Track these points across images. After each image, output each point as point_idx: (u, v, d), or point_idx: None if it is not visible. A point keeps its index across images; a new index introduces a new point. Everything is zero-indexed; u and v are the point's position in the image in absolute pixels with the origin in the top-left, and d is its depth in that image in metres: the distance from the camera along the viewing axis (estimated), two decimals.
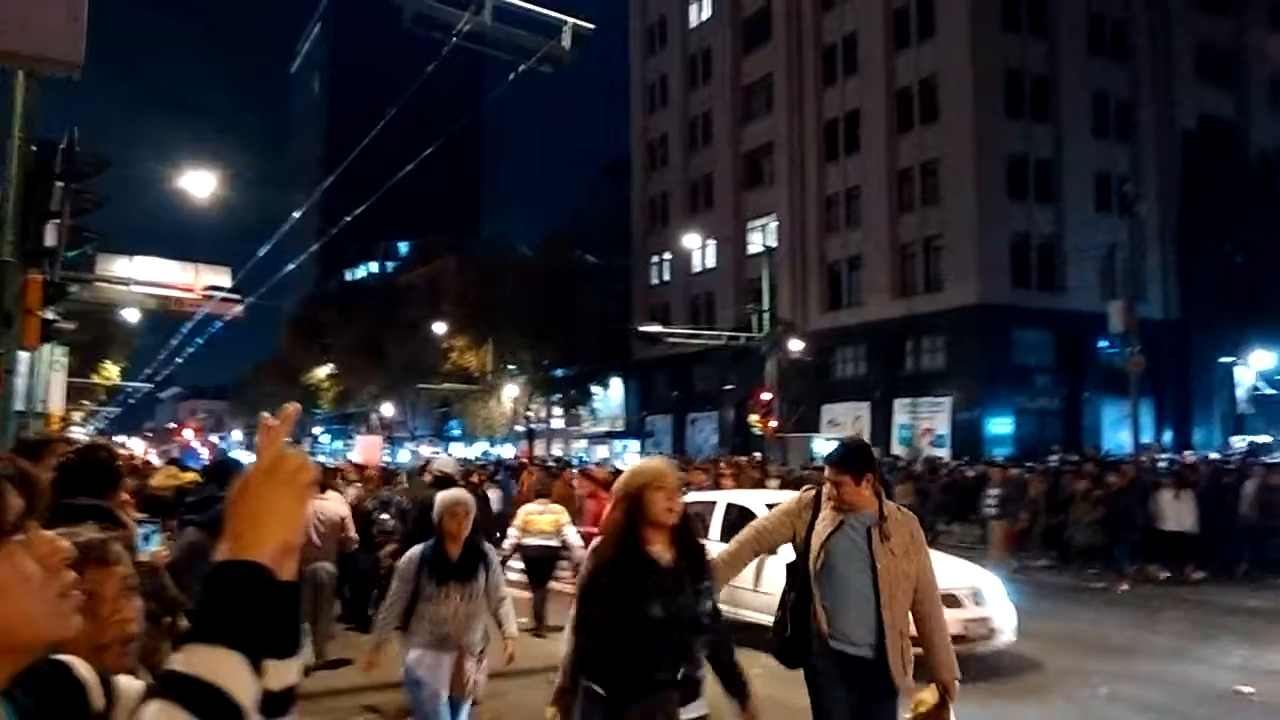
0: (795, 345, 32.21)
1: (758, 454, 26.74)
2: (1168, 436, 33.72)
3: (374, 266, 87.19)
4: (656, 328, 36.88)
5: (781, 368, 30.08)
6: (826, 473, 4.16)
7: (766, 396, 28.48)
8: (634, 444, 48.14)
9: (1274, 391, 34.37)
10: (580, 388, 51.20)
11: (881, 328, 35.91)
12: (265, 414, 1.20)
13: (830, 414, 37.45)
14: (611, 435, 51.62)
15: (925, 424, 33.81)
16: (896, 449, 32.46)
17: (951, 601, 7.16)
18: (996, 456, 25.51)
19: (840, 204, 39.49)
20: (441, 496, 5.12)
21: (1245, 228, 34.47)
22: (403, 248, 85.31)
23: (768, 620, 4.57)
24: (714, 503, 10.68)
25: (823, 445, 32.48)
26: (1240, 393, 34.30)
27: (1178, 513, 14.37)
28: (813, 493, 4.27)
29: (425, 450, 48.27)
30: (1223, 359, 34.11)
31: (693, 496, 9.36)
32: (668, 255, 48.82)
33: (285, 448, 1.13)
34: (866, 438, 34.71)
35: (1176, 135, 37.28)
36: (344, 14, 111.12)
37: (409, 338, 50.56)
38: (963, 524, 19.04)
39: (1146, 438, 30.17)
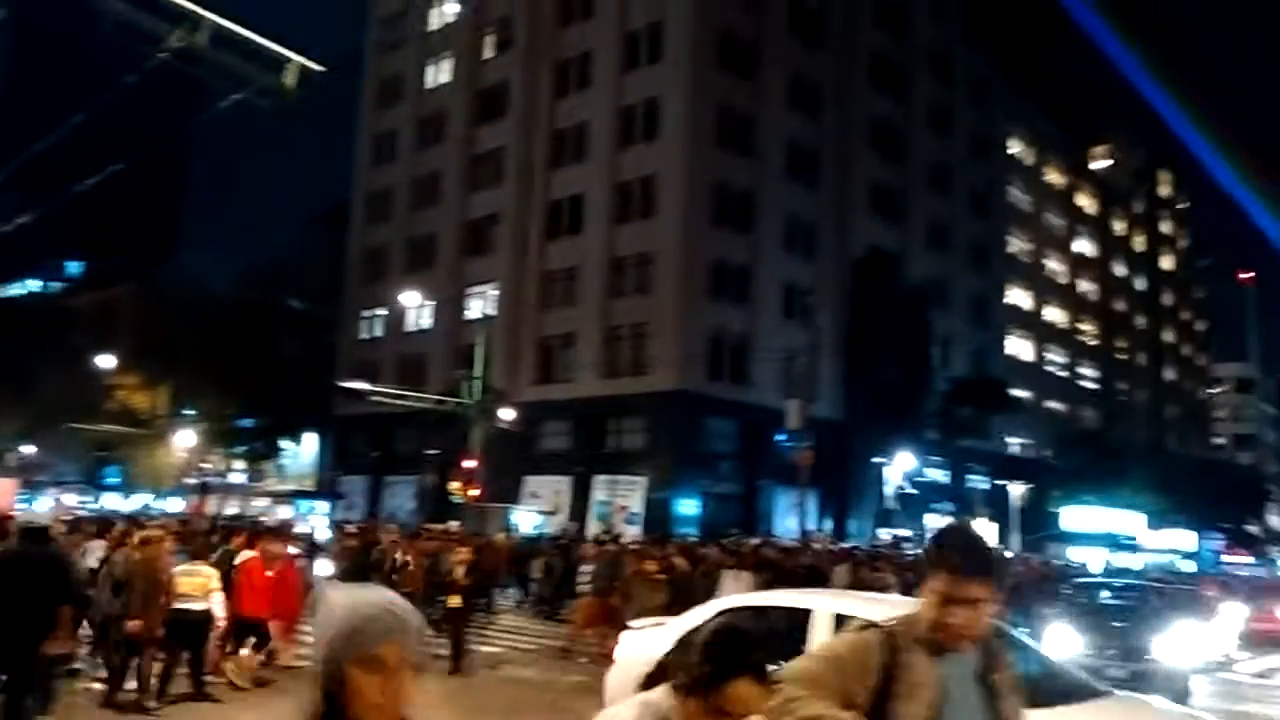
0: (504, 414, 32.33)
1: (454, 522, 26.28)
2: (828, 525, 37.44)
3: (35, 284, 76.46)
4: (362, 384, 35.50)
5: (488, 436, 30.03)
6: (955, 588, 2.42)
7: (470, 464, 28.22)
8: (323, 505, 45.39)
9: (915, 491, 39.49)
10: (268, 440, 47.70)
11: (588, 405, 37.04)
12: None
13: (532, 486, 37.76)
14: (299, 495, 48.31)
15: (622, 501, 35.05)
16: (593, 525, 33.26)
17: None
18: (685, 535, 26.94)
19: (559, 281, 40.65)
20: None
21: (900, 347, 39.73)
22: (74, 267, 75.74)
23: None
24: (809, 611, 6.79)
25: (522, 516, 32.59)
26: (888, 490, 39.00)
27: (735, 593, 14.93)
28: (880, 637, 2.49)
29: (70, 499, 42.40)
30: (876, 459, 38.69)
31: (776, 599, 7.89)
32: (381, 311, 47.43)
33: None
34: (566, 512, 35.37)
35: (850, 259, 42.47)
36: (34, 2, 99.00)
37: (67, 369, 44.59)
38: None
39: (811, 525, 33.34)
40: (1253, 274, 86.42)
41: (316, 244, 56.44)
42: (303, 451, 49.79)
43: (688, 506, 34.50)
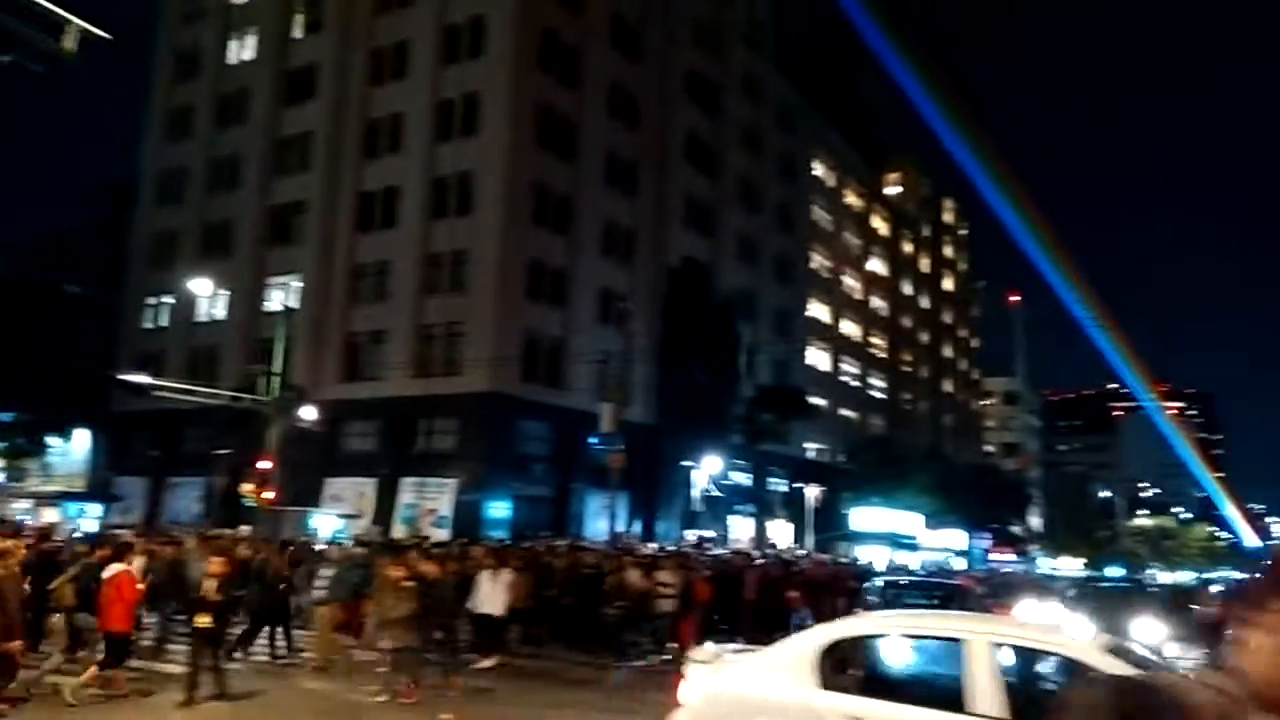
0: (304, 413, 30.74)
1: (246, 527, 24.73)
2: (638, 527, 38.07)
3: None
4: (144, 378, 32.70)
5: (286, 436, 28.44)
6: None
7: (265, 465, 26.62)
8: (95, 507, 41.54)
9: (721, 494, 40.89)
10: (32, 437, 43.11)
11: (397, 405, 35.89)
12: None
13: (334, 488, 36.18)
14: (66, 496, 43.96)
15: (430, 504, 34.19)
16: (399, 528, 32.26)
17: None
18: (495, 538, 26.58)
19: (369, 276, 39.20)
20: None
21: (710, 354, 41.02)
22: None
23: None
24: (960, 641, 5.63)
25: (322, 520, 31.13)
26: (695, 492, 40.15)
27: (491, 596, 13.88)
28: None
29: None
30: (685, 463, 39.74)
31: (922, 626, 6.65)
32: (169, 298, 44.05)
33: None
34: (370, 516, 34.04)
35: (665, 268, 43.46)
36: None
37: None
38: None
39: (621, 527, 33.77)
40: (1019, 297, 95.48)
41: (97, 223, 51.60)
42: (74, 449, 45.34)
43: (498, 509, 34.11)
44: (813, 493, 46.20)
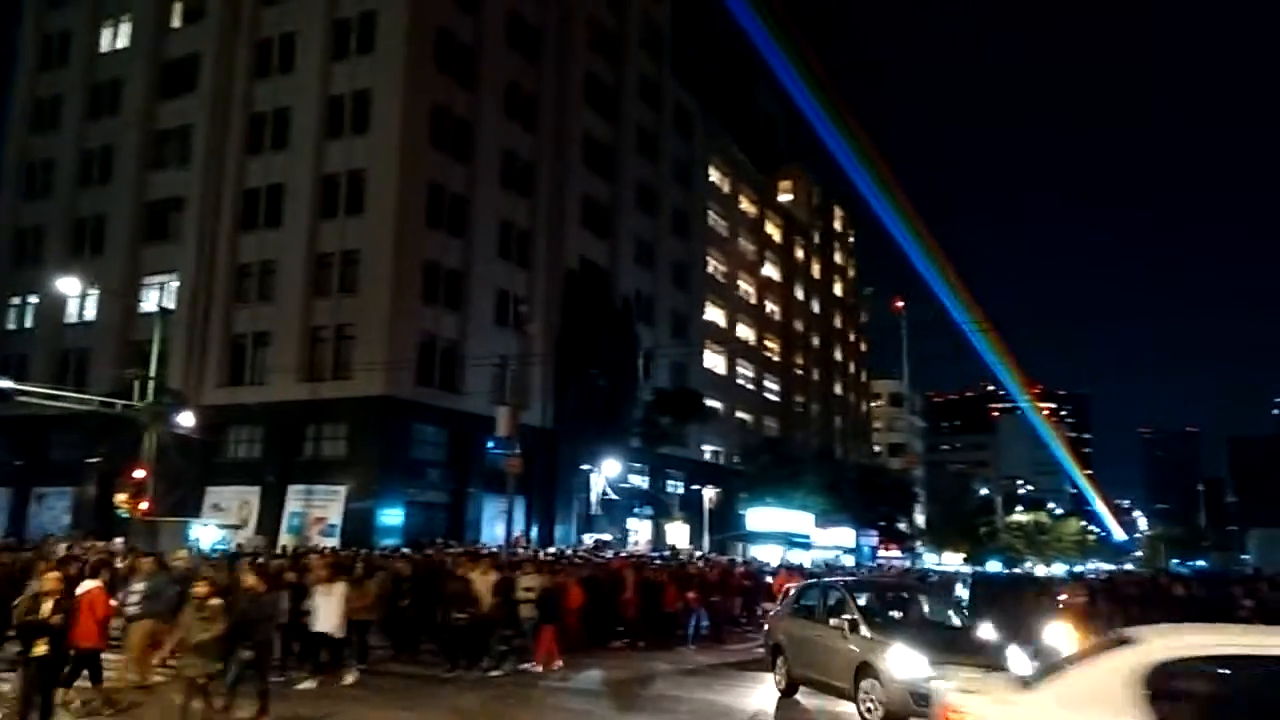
0: (183, 419, 29.30)
1: (120, 539, 23.42)
2: (535, 531, 37.76)
3: None
4: (5, 382, 30.58)
5: (163, 443, 27.05)
6: None
7: (140, 474, 25.26)
8: None
9: (618, 497, 40.92)
10: None
11: (283, 409, 34.61)
12: None
13: (215, 497, 34.67)
14: None
15: (318, 513, 33.08)
16: (285, 538, 31.11)
17: None
18: (387, 546, 25.89)
19: (254, 276, 37.72)
20: None
21: (608, 357, 41.05)
22: None
23: None
24: None
25: (203, 531, 29.75)
26: (594, 496, 40.08)
27: (324, 612, 12.35)
28: None
29: None
30: (583, 466, 39.62)
31: (1250, 644, 4.86)
32: (33, 298, 41.45)
33: None
34: (253, 525, 32.67)
35: (563, 270, 43.29)
36: None
37: None
38: None
39: (519, 531, 33.43)
40: (904, 303, 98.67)
41: None
42: None
43: (391, 516, 33.27)
44: (709, 494, 46.73)
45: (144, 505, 25.18)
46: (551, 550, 27.94)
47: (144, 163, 41.07)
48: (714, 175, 61.47)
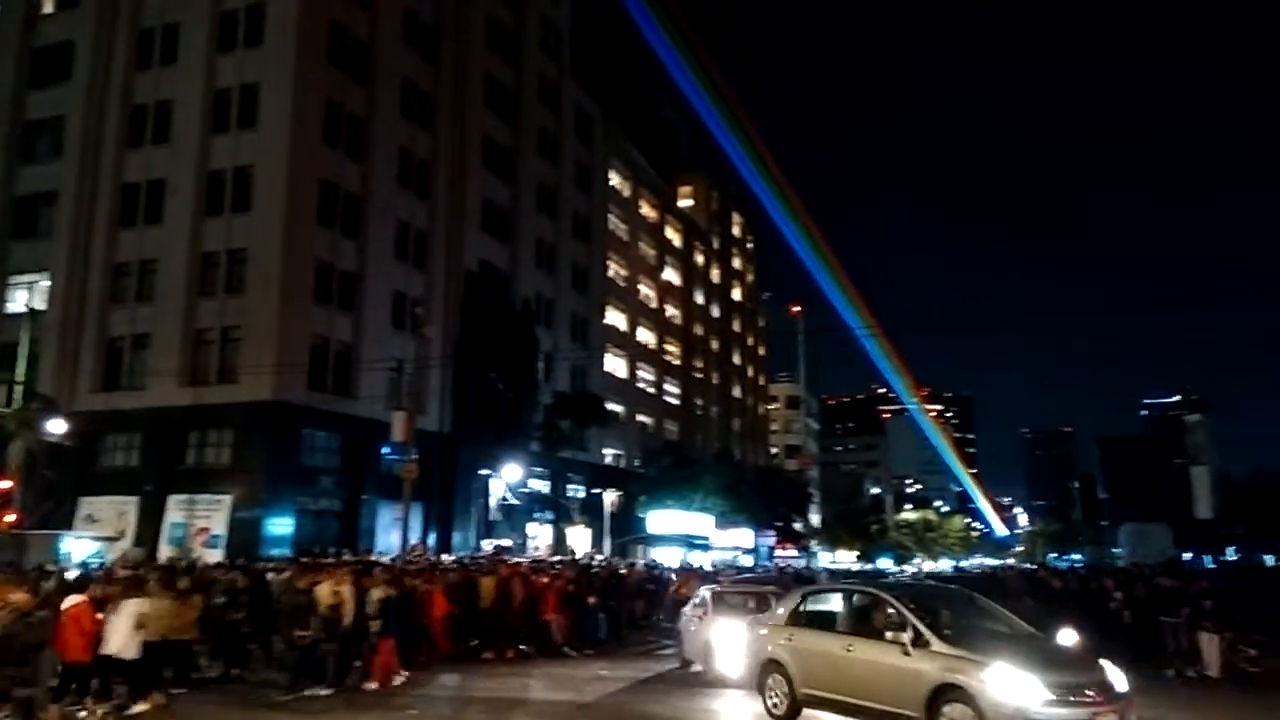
0: (54, 426, 27.69)
1: None
2: (432, 539, 37.06)
3: None
4: None
5: (32, 451, 25.51)
6: None
7: (6, 485, 23.74)
8: None
9: (518, 502, 40.54)
10: None
11: (164, 415, 33.04)
12: None
13: (90, 508, 32.82)
14: None
15: (201, 523, 31.66)
16: (166, 550, 29.70)
17: None
18: (276, 557, 25.00)
19: (132, 275, 35.91)
20: None
21: (507, 361, 40.65)
22: None
23: None
24: None
25: (75, 544, 28.14)
26: (493, 501, 39.61)
27: (115, 632, 11.37)
28: None
29: None
30: (482, 471, 39.10)
31: None
32: None
33: None
34: (131, 537, 31.08)
35: (461, 272, 42.67)
36: None
37: None
38: None
39: (415, 538, 32.77)
40: (800, 307, 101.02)
41: None
42: None
43: (280, 525, 32.12)
44: (610, 498, 46.76)
45: (10, 518, 23.67)
46: (449, 557, 27.48)
47: (12, 155, 38.72)
48: (615, 179, 61.66)
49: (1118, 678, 8.91)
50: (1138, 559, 44.30)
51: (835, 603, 11.15)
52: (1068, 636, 10.99)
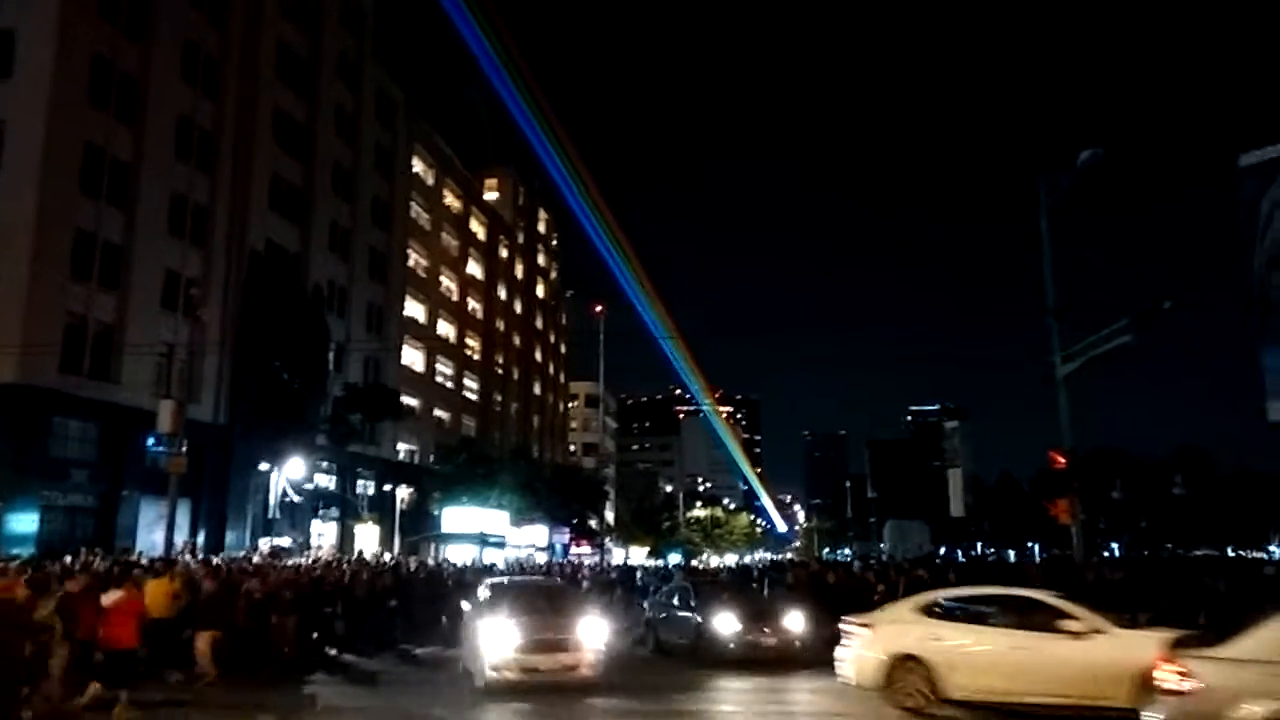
0: None
1: None
2: (202, 537, 34.41)
3: None
4: None
5: None
6: None
7: None
8: None
9: (301, 499, 38.36)
10: None
11: None
12: None
13: None
14: None
15: None
16: None
17: None
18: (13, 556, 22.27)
19: None
20: None
21: (295, 348, 38.41)
22: None
23: None
24: None
25: None
26: (273, 498, 37.27)
27: None
28: None
29: None
30: (262, 465, 36.71)
31: None
32: None
33: None
34: None
35: (246, 253, 39.91)
36: None
37: None
38: None
39: (183, 537, 30.32)
40: (602, 307, 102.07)
41: None
42: None
43: (24, 522, 28.74)
44: (403, 494, 45.28)
45: None
46: (217, 559, 25.55)
47: None
48: (418, 166, 59.81)
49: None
50: (896, 553, 47.81)
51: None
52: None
